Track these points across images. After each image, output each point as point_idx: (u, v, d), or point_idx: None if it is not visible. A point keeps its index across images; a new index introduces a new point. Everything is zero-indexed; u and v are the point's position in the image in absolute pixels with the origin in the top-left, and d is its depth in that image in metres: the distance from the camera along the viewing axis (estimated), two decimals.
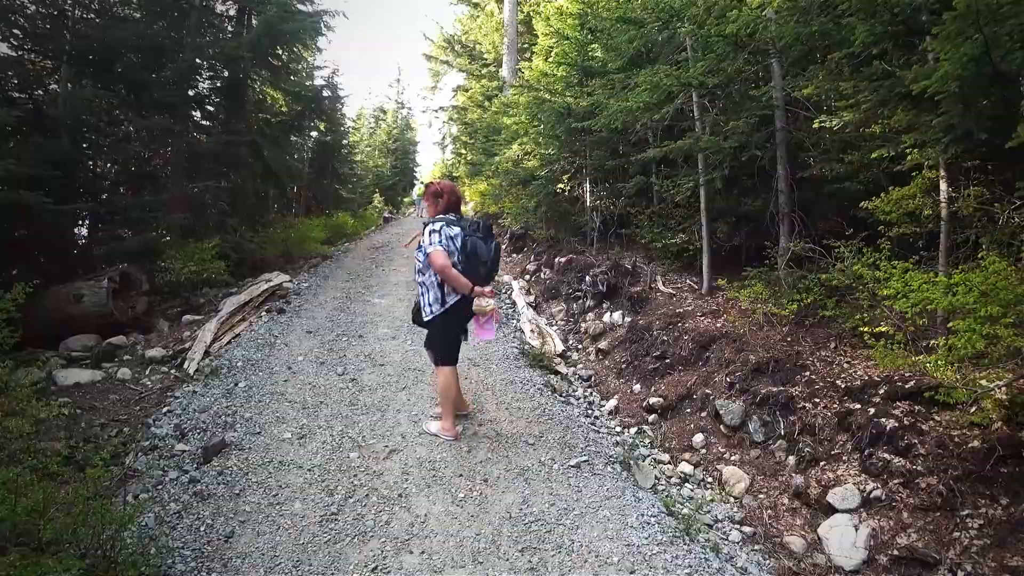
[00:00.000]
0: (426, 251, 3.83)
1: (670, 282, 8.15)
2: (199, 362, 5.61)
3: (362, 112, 36.08)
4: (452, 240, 3.83)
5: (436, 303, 3.93)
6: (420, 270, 4.00)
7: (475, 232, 3.92)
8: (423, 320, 4.05)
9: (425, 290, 3.98)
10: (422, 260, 3.94)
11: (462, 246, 3.82)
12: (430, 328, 4.10)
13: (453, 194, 4.17)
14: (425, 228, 3.94)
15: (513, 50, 21.50)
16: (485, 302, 3.88)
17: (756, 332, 6.13)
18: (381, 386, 5.06)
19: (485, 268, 3.88)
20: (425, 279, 3.96)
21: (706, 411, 5.58)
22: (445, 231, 3.83)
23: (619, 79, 7.44)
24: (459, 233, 3.87)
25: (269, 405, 4.57)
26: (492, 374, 5.61)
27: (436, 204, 4.05)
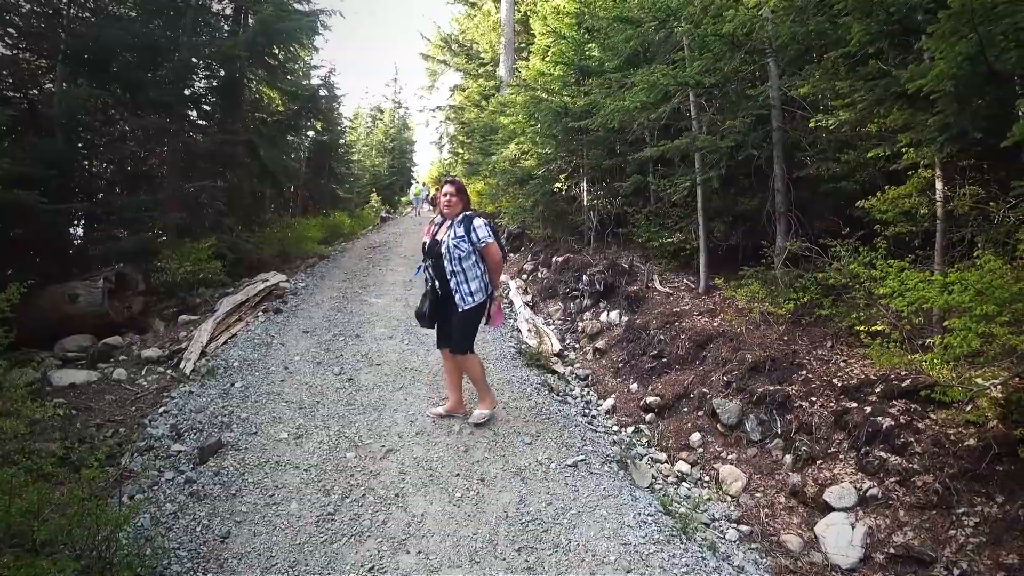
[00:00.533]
0: (484, 241, 4.08)
1: (667, 281, 8.16)
2: (195, 362, 5.60)
3: (359, 111, 36.08)
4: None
5: (479, 292, 4.12)
6: (458, 259, 4.06)
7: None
8: (459, 309, 4.12)
9: (463, 279, 4.08)
10: (464, 249, 4.05)
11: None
12: (464, 318, 4.16)
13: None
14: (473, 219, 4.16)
15: (510, 49, 21.49)
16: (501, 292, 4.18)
17: (753, 331, 6.13)
18: (378, 386, 5.05)
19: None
20: (464, 268, 4.07)
21: (703, 410, 5.58)
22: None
23: (616, 78, 7.44)
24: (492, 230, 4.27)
25: (265, 405, 4.56)
26: (489, 374, 5.59)
27: (466, 201, 4.28)
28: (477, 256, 4.15)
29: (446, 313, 4.29)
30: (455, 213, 4.20)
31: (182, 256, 7.84)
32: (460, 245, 4.05)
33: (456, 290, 4.09)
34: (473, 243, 4.09)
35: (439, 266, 4.14)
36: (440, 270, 4.14)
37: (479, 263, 4.16)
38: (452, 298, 4.12)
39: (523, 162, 10.98)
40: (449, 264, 4.07)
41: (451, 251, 4.06)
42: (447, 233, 4.13)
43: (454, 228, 4.11)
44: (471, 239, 4.08)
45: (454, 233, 4.08)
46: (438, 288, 4.20)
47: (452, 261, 4.07)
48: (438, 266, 4.15)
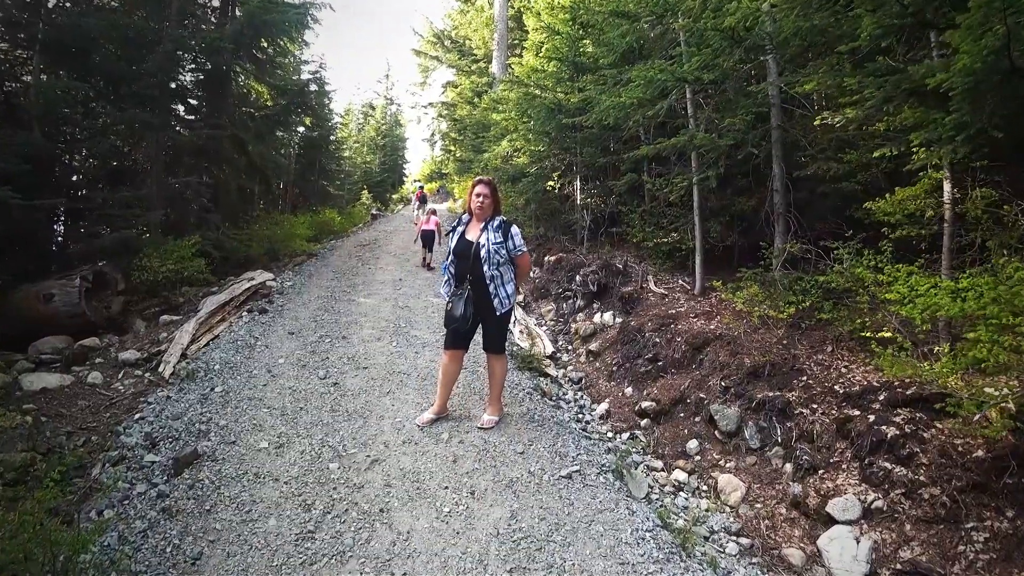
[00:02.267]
0: (520, 249, 4.20)
1: (662, 282, 8.01)
2: (175, 365, 5.39)
3: (350, 108, 35.66)
4: None
5: (514, 295, 4.30)
6: (496, 263, 4.12)
7: None
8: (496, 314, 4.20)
9: (501, 283, 4.17)
10: (503, 255, 4.12)
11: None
12: (502, 320, 4.33)
13: None
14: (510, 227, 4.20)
15: (503, 46, 21.30)
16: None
17: (751, 334, 6.00)
18: (364, 390, 4.86)
19: None
20: (502, 272, 4.16)
21: (700, 416, 5.44)
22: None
23: (611, 74, 7.28)
24: None
25: (246, 412, 4.36)
26: (480, 377, 5.43)
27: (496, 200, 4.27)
28: (510, 262, 4.23)
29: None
30: (487, 215, 4.19)
31: (164, 254, 7.61)
32: (500, 251, 4.10)
33: (495, 294, 4.14)
34: (509, 250, 4.14)
35: (477, 269, 4.10)
36: (478, 273, 4.11)
37: (511, 268, 4.24)
38: (487, 301, 4.16)
39: (516, 159, 10.81)
40: (488, 268, 4.08)
41: (491, 255, 4.08)
42: (484, 236, 4.12)
43: (491, 232, 4.13)
44: (507, 246, 4.14)
45: (493, 237, 4.10)
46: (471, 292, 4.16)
47: (491, 265, 4.09)
48: (476, 269, 4.11)
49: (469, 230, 4.26)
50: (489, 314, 4.21)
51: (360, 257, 11.84)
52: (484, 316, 4.25)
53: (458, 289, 4.19)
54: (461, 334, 4.28)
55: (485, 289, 4.12)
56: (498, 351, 4.40)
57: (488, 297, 4.14)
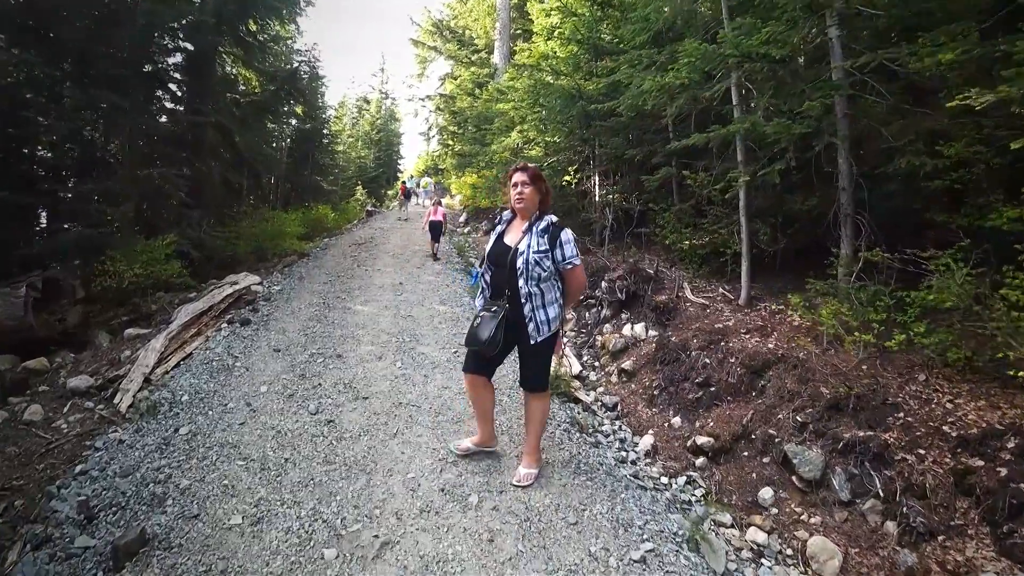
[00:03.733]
0: (571, 262, 3.17)
1: (699, 290, 7.11)
2: (135, 394, 4.43)
3: (344, 101, 34.60)
4: None
5: (556, 319, 3.30)
6: (536, 278, 3.16)
7: None
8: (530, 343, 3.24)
9: (541, 303, 3.21)
10: (547, 268, 3.16)
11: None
12: (539, 351, 3.31)
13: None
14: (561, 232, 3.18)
15: (505, 35, 20.33)
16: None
17: (819, 356, 5.11)
18: (366, 430, 3.92)
19: None
20: (543, 289, 3.20)
21: (770, 456, 4.56)
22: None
23: (648, 54, 6.34)
24: None
25: (216, 464, 3.41)
26: (506, 409, 4.51)
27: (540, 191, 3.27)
28: (556, 277, 3.26)
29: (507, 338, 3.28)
30: (531, 212, 3.25)
31: (133, 256, 6.61)
32: (543, 262, 3.14)
33: (531, 317, 3.20)
34: (556, 261, 3.17)
35: (513, 282, 3.20)
36: (514, 287, 3.20)
37: (557, 284, 3.28)
38: (523, 324, 3.22)
39: (527, 151, 9.86)
40: (525, 284, 3.16)
41: (530, 268, 3.15)
42: (525, 241, 3.18)
43: (535, 236, 3.17)
44: (555, 256, 3.16)
45: (536, 244, 3.15)
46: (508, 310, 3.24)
47: (530, 280, 3.16)
48: (512, 282, 3.20)
49: (509, 231, 3.36)
50: (524, 342, 3.28)
51: (356, 257, 10.86)
52: (519, 343, 3.35)
53: (492, 304, 3.29)
54: (485, 359, 3.38)
55: (520, 309, 3.20)
56: (535, 388, 3.44)
57: (523, 319, 3.21)
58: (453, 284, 8.77)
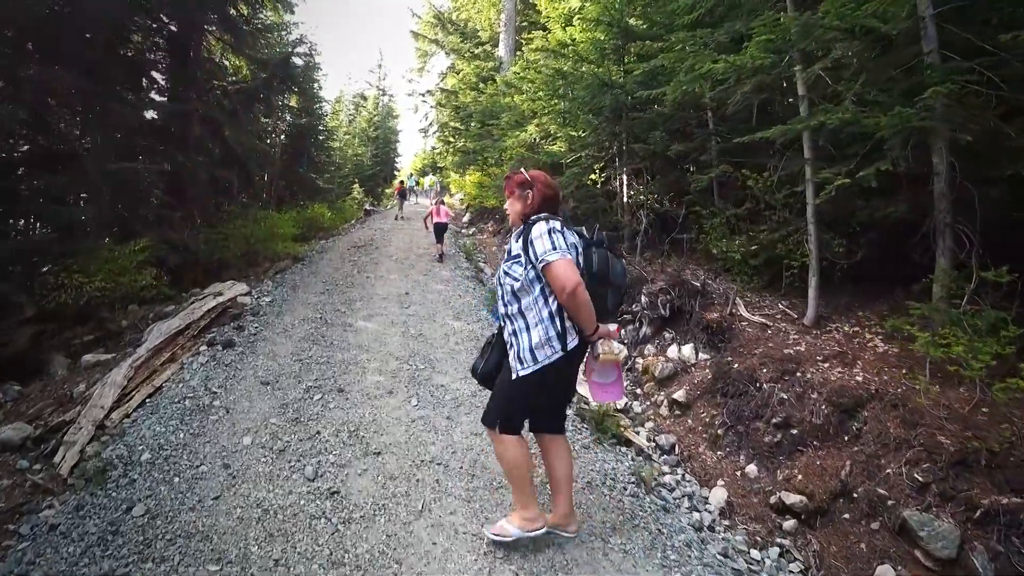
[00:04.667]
0: (543, 259, 2.37)
1: (753, 306, 6.18)
2: (83, 448, 3.46)
3: (341, 96, 33.57)
4: (574, 250, 2.48)
5: (544, 348, 2.43)
6: (511, 293, 2.55)
7: (602, 243, 2.57)
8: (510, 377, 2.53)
9: (521, 327, 2.51)
10: (519, 277, 2.50)
11: (586, 263, 2.49)
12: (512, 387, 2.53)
13: (549, 186, 2.67)
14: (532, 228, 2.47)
15: (511, 27, 19.38)
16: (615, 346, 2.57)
17: (923, 394, 4.21)
18: (381, 506, 2.96)
19: (616, 298, 2.62)
20: (522, 308, 2.51)
21: (881, 521, 3.68)
22: (560, 237, 2.42)
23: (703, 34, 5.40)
24: (578, 242, 2.55)
25: (179, 570, 2.44)
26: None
27: (525, 201, 2.63)
28: (544, 287, 2.48)
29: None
30: (518, 220, 2.69)
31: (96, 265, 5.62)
32: (512, 270, 2.54)
33: (511, 343, 2.55)
34: (533, 263, 2.46)
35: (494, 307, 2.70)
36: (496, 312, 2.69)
37: (547, 300, 2.48)
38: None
39: (547, 147, 8.92)
40: (502, 304, 2.61)
41: (502, 282, 2.62)
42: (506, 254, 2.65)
43: (512, 243, 2.60)
44: (530, 257, 2.46)
45: (508, 252, 2.61)
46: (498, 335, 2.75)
47: (504, 298, 2.60)
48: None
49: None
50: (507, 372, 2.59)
51: (355, 262, 9.88)
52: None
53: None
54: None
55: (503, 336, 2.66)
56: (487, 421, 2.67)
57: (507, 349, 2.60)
58: (466, 294, 7.82)
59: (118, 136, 8.49)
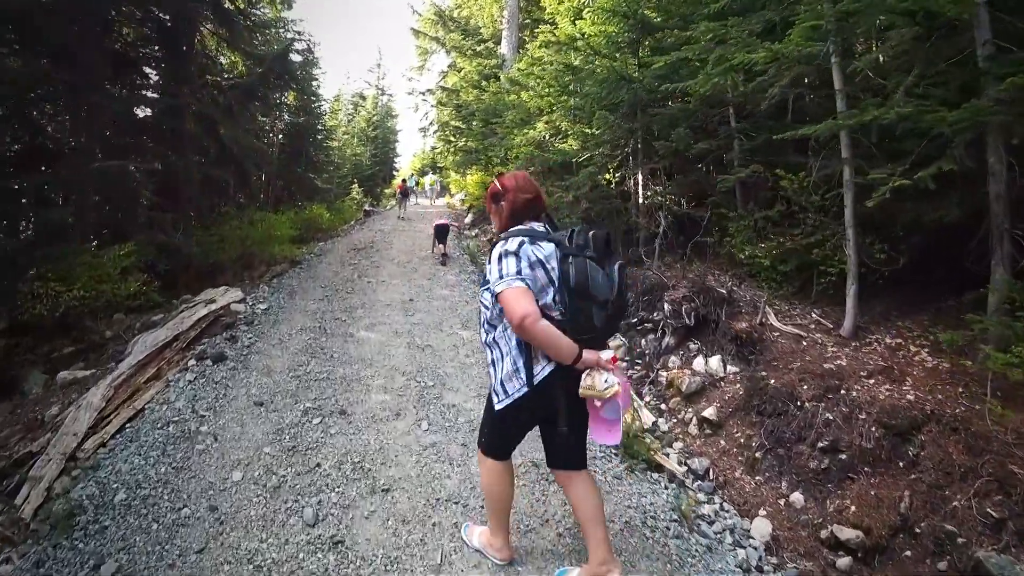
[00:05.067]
0: (495, 290, 2.13)
1: (784, 315, 5.77)
2: (50, 485, 3.03)
3: (340, 95, 33.13)
4: (542, 266, 2.15)
5: (514, 379, 2.20)
6: (486, 323, 2.32)
7: (583, 250, 2.18)
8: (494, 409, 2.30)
9: (496, 359, 2.28)
10: (488, 304, 2.29)
11: (561, 276, 2.15)
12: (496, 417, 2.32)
13: (523, 190, 2.32)
14: (493, 250, 2.23)
15: (514, 24, 18.96)
16: (603, 378, 2.09)
17: (985, 415, 3.82)
18: (394, 559, 2.54)
19: (603, 314, 2.15)
20: (496, 338, 2.27)
21: (948, 561, 3.29)
22: (527, 252, 2.14)
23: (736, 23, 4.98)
24: (553, 253, 2.20)
25: None
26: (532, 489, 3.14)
27: (500, 215, 2.35)
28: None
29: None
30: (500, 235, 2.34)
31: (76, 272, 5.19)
32: (484, 297, 2.35)
33: (489, 374, 2.35)
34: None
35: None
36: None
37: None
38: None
39: (558, 144, 8.50)
40: (481, 332, 2.39)
41: (480, 312, 2.42)
42: None
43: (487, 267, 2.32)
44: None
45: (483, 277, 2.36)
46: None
47: (483, 326, 2.36)
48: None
49: None
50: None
51: (356, 266, 9.45)
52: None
53: None
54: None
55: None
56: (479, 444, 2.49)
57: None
58: (473, 300, 7.40)
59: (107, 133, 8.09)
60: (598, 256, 2.15)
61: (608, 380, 2.05)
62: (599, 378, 2.05)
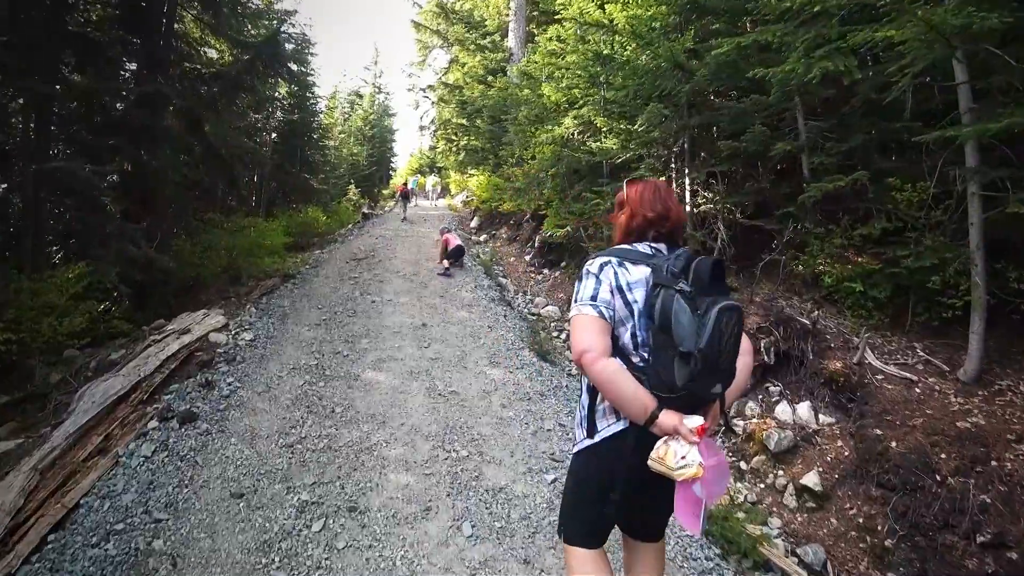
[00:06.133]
0: (571, 313, 1.73)
1: (883, 352, 4.74)
2: None
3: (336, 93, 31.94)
4: (622, 293, 1.67)
5: (579, 427, 1.80)
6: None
7: (676, 280, 1.60)
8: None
9: (583, 389, 1.84)
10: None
11: (646, 310, 1.65)
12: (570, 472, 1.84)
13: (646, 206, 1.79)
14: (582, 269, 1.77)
15: (521, 16, 17.90)
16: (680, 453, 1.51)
17: None
18: None
19: (687, 369, 1.53)
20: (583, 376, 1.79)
21: None
22: (610, 275, 1.69)
23: None
24: (645, 280, 1.67)
25: None
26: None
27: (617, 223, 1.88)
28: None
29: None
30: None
31: (18, 298, 4.11)
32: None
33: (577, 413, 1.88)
34: None
35: None
36: None
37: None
38: None
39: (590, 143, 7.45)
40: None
41: None
42: None
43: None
44: None
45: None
46: None
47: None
48: None
49: None
50: None
51: (356, 280, 8.36)
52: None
53: None
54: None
55: None
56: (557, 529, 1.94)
57: None
58: (496, 324, 6.35)
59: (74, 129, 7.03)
60: (694, 291, 1.57)
61: (687, 458, 1.49)
62: (675, 451, 1.52)
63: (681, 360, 1.55)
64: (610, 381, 1.59)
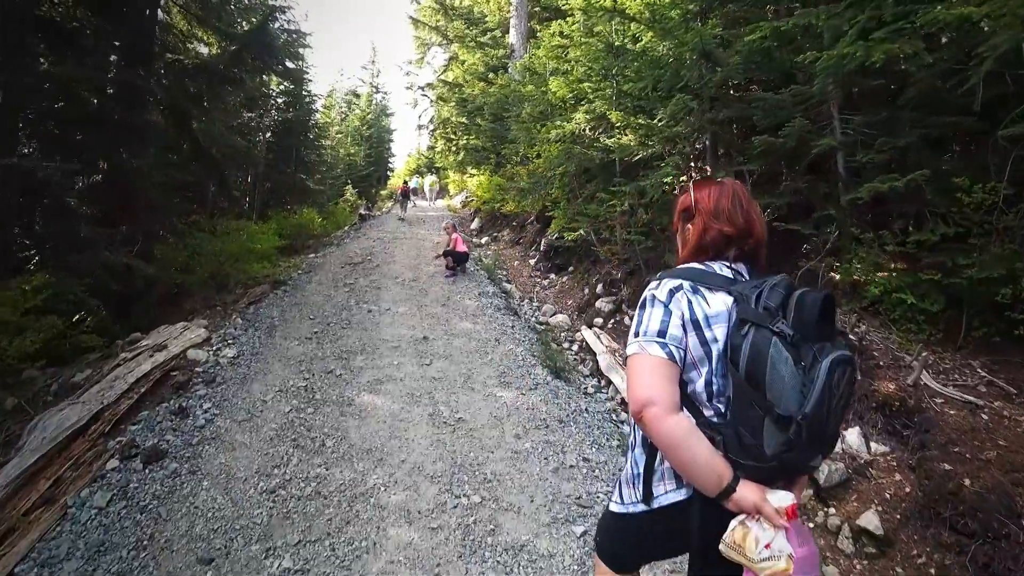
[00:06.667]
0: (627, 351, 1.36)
1: (938, 372, 4.25)
2: None
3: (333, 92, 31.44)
4: (698, 329, 1.32)
5: (631, 486, 1.45)
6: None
7: (772, 318, 1.23)
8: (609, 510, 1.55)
9: (630, 447, 1.49)
10: None
11: (728, 353, 1.29)
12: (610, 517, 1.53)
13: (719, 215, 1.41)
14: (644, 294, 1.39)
15: (523, 11, 17.41)
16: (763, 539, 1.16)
17: None
18: None
19: (783, 436, 1.17)
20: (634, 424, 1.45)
21: None
22: (683, 305, 1.33)
23: None
24: (726, 313, 1.31)
25: None
26: None
27: (684, 235, 1.50)
28: None
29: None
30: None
31: None
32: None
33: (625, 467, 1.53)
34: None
35: None
36: None
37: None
38: None
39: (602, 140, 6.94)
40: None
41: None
42: None
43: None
44: None
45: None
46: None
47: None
48: None
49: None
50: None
51: (352, 287, 7.85)
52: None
53: None
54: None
55: None
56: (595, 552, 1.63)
57: None
58: (504, 336, 5.84)
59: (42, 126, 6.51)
60: (798, 333, 1.20)
61: (772, 546, 1.14)
62: (756, 536, 1.16)
63: (777, 424, 1.18)
64: (678, 445, 1.23)
